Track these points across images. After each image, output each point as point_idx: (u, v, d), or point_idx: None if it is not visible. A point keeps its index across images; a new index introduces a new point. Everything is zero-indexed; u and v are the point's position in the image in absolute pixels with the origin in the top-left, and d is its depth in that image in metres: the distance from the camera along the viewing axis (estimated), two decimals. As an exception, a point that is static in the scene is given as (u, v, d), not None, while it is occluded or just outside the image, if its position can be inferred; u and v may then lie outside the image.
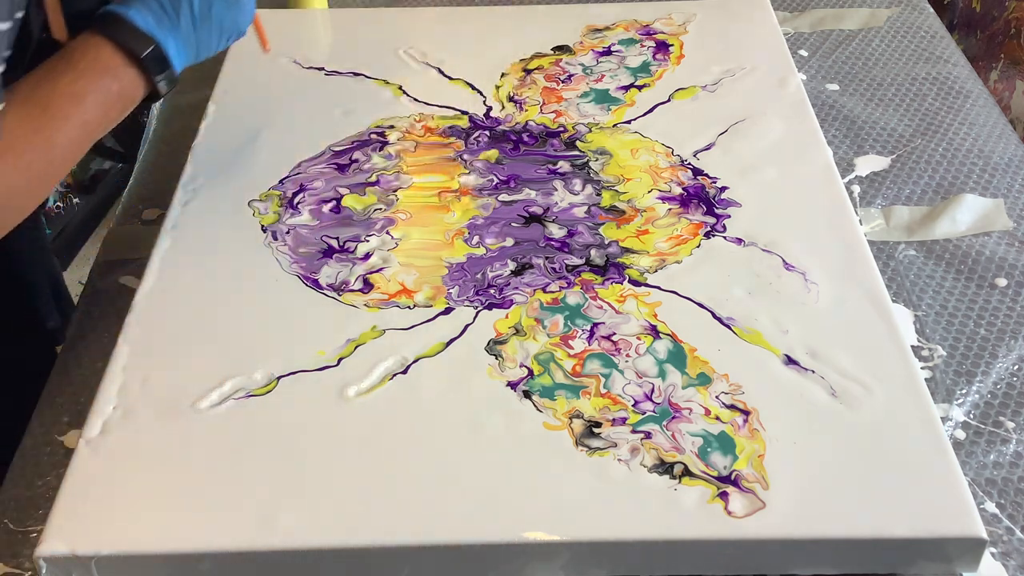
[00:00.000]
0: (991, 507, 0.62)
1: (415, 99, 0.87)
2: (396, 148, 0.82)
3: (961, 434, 0.66)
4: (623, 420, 0.60)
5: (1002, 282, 0.76)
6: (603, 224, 0.74)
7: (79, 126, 0.62)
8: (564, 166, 0.80)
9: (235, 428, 0.60)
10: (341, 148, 0.82)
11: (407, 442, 0.59)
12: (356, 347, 0.65)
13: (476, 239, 0.73)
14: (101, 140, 0.67)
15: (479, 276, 0.70)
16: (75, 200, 1.79)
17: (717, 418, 0.60)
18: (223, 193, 0.77)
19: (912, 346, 0.70)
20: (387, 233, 0.74)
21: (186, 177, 0.79)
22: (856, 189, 0.84)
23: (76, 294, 0.94)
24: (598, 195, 0.77)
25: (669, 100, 0.87)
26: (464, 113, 0.86)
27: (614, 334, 0.66)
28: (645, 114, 0.85)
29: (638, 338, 0.65)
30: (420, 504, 0.56)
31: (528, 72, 0.90)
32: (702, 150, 0.81)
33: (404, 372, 0.63)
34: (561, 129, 0.84)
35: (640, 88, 0.88)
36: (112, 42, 0.63)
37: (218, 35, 0.69)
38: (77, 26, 0.64)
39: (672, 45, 0.93)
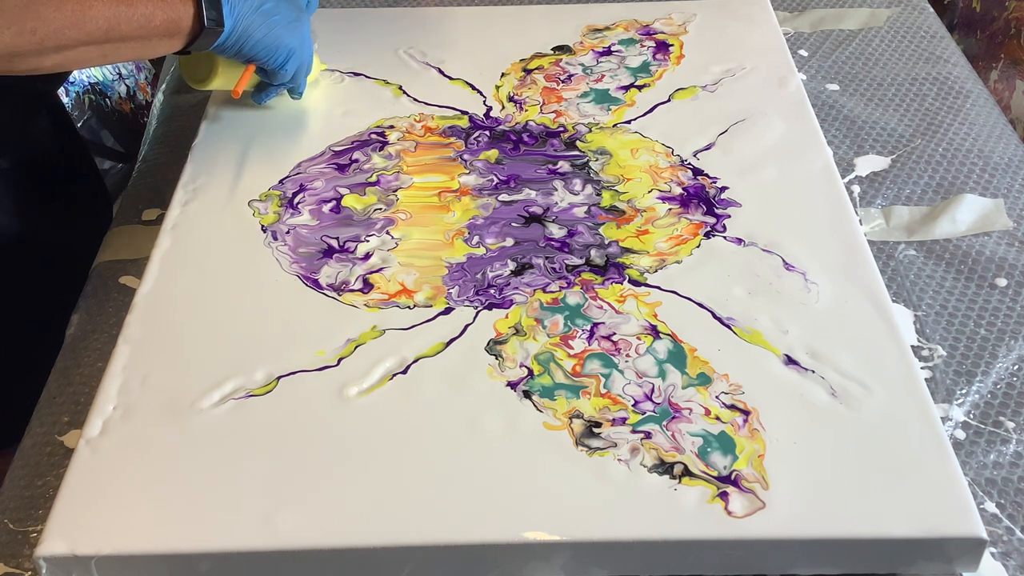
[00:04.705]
0: (991, 507, 0.62)
1: (415, 99, 0.87)
2: (396, 148, 0.82)
3: (961, 434, 0.66)
4: (623, 420, 0.60)
5: (1002, 282, 0.76)
6: (603, 224, 0.74)
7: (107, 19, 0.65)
8: (564, 166, 0.80)
9: (235, 428, 0.60)
10: (341, 148, 0.82)
11: (407, 442, 0.59)
12: (356, 347, 0.65)
13: (476, 239, 0.73)
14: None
15: (479, 276, 0.70)
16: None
17: (717, 418, 0.60)
18: (223, 193, 0.77)
19: (912, 346, 0.70)
20: (387, 233, 0.74)
21: (186, 177, 0.79)
22: (856, 189, 0.84)
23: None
24: (598, 195, 0.77)
25: (669, 100, 0.87)
26: (464, 113, 0.86)
27: (614, 334, 0.66)
28: (645, 114, 0.85)
29: (638, 338, 0.65)
30: (420, 504, 0.56)
31: (528, 72, 0.90)
32: (702, 150, 0.81)
33: (404, 372, 0.64)
34: (561, 129, 0.84)
35: (640, 88, 0.88)
36: None
37: (265, 32, 0.75)
38: None
39: (672, 45, 0.93)
